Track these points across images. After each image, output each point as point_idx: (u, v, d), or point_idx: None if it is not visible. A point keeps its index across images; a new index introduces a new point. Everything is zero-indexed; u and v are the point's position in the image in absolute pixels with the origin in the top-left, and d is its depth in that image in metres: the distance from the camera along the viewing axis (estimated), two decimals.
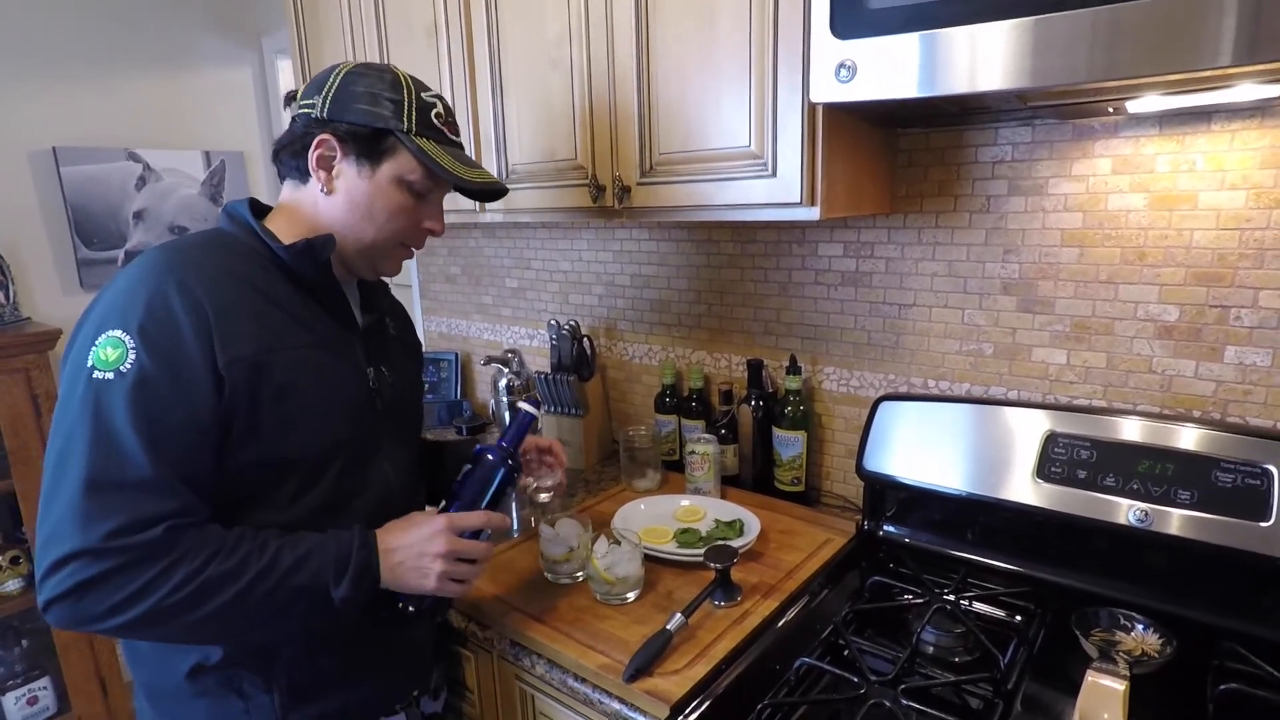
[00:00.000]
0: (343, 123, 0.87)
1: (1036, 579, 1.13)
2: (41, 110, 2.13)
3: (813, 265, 1.42)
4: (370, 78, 0.89)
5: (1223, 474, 0.98)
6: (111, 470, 0.73)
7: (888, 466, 1.25)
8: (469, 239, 2.08)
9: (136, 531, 0.73)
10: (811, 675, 0.96)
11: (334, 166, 0.89)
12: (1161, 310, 1.09)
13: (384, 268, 0.97)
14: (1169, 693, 0.89)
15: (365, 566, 0.83)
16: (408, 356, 1.10)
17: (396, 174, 0.89)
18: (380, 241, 0.92)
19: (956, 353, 1.29)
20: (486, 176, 0.95)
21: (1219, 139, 1.01)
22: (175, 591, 0.74)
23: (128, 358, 0.74)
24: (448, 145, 0.93)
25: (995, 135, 1.18)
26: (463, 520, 0.90)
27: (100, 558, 0.72)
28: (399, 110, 0.88)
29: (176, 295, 0.77)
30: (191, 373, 0.76)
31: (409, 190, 0.91)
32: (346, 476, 0.89)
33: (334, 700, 0.92)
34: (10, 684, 2.04)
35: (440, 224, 0.96)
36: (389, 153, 0.89)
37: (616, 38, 1.17)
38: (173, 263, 0.80)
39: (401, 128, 0.88)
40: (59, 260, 2.20)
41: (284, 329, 0.84)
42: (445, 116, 0.93)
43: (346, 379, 0.91)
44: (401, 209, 0.91)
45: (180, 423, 0.76)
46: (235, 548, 0.77)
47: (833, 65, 0.89)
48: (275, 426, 0.81)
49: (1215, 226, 1.03)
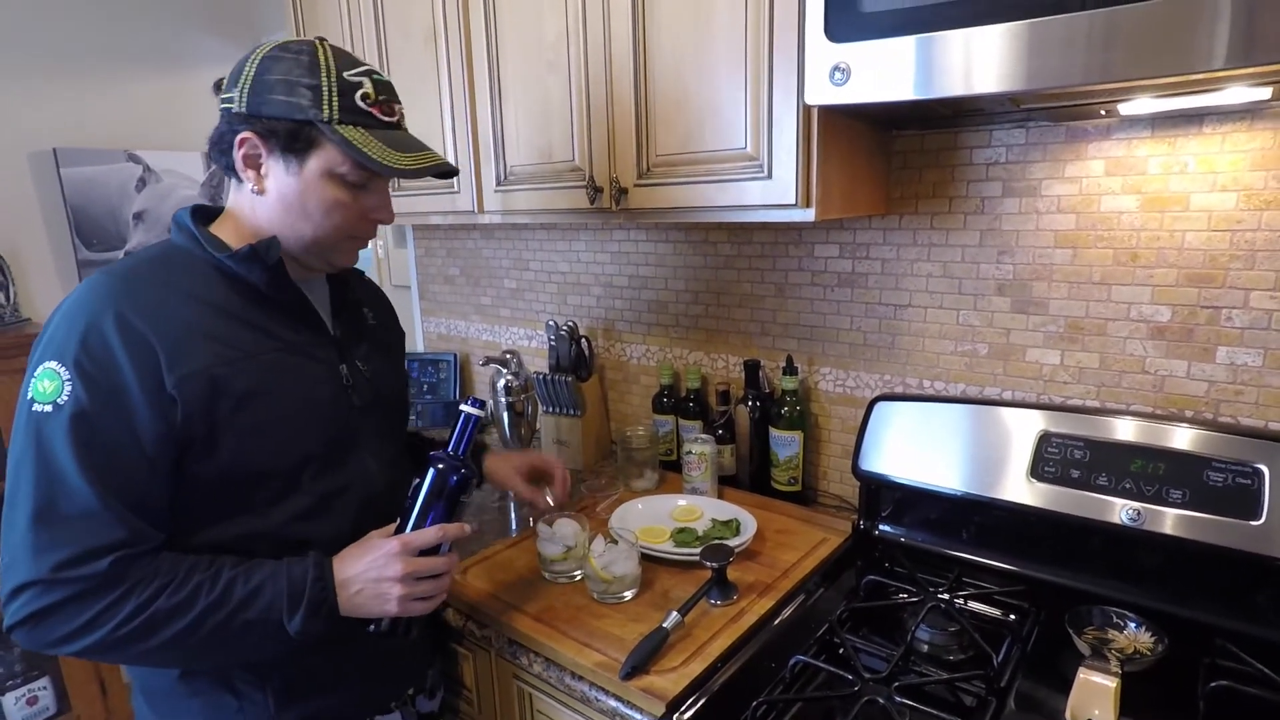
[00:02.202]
0: (260, 117, 0.81)
1: (1030, 578, 1.13)
2: (42, 111, 2.13)
3: (809, 266, 1.43)
4: (286, 61, 0.81)
5: (1214, 473, 0.98)
6: (56, 502, 0.73)
7: (883, 466, 1.26)
8: (467, 240, 2.09)
9: (84, 563, 0.73)
10: (807, 673, 0.96)
11: (261, 165, 0.84)
12: (1154, 311, 1.10)
13: (337, 261, 0.92)
14: (1160, 690, 0.90)
15: (320, 600, 0.81)
16: (389, 345, 1.08)
17: (324, 168, 0.83)
18: (323, 238, 0.87)
19: (951, 353, 1.30)
20: (426, 159, 0.86)
21: (1210, 141, 1.02)
22: (125, 624, 0.74)
23: (64, 390, 0.74)
24: (379, 129, 0.84)
25: (989, 137, 1.19)
26: (417, 538, 0.86)
27: (50, 588, 0.73)
28: (318, 97, 0.81)
29: (113, 326, 0.75)
30: (130, 402, 0.75)
31: (342, 183, 0.84)
32: (325, 478, 0.88)
33: (328, 699, 0.93)
34: (10, 684, 2.04)
35: (388, 212, 0.91)
36: (314, 146, 0.82)
37: (613, 40, 1.18)
38: (112, 290, 0.78)
39: (322, 117, 0.81)
40: (59, 261, 2.20)
41: (240, 339, 0.83)
42: (375, 96, 0.84)
43: (317, 380, 0.90)
44: (338, 203, 0.85)
45: (122, 452, 0.75)
46: (186, 579, 0.77)
47: (827, 68, 0.90)
48: (240, 438, 0.81)
49: (1207, 228, 1.04)
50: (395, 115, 0.87)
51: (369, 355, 0.99)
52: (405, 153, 0.85)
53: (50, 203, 2.17)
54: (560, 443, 1.73)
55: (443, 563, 0.88)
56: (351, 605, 0.84)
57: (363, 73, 0.84)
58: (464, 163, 1.47)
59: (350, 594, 0.84)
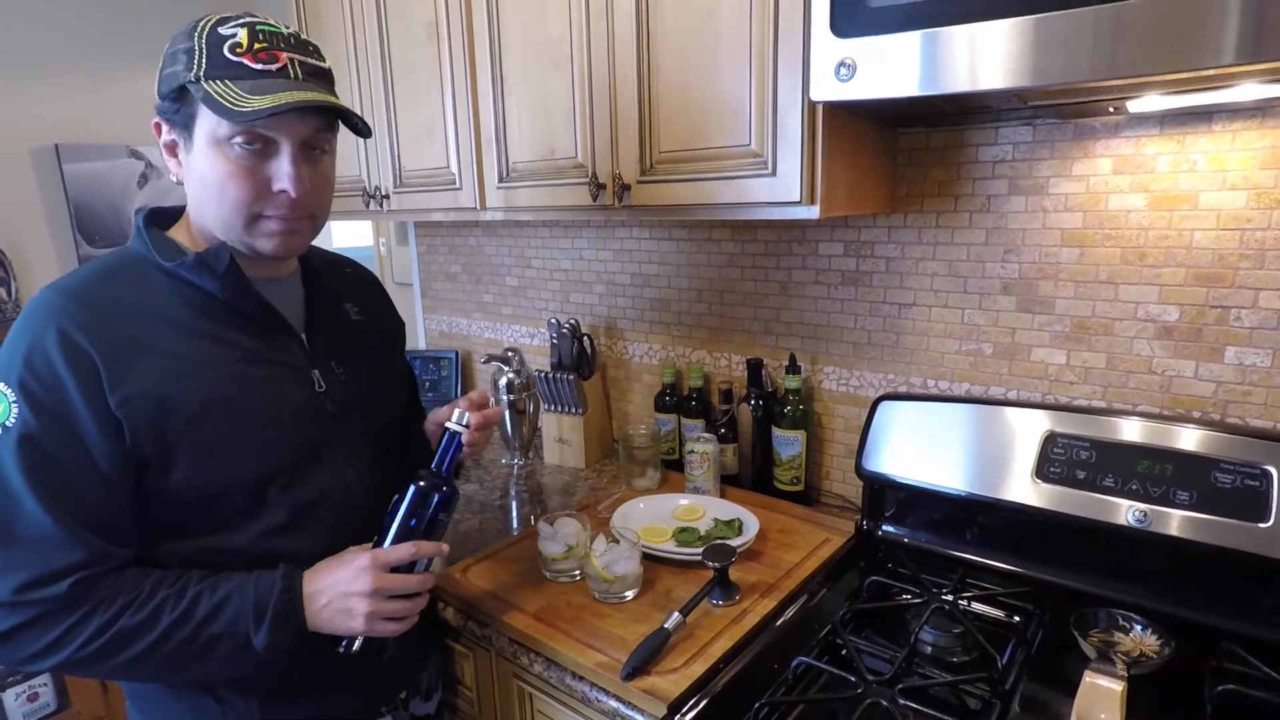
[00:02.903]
0: (161, 100, 0.78)
1: (1035, 579, 1.13)
2: (44, 107, 2.13)
3: (813, 264, 1.42)
4: (177, 37, 0.77)
5: (1222, 475, 0.97)
6: (12, 526, 0.72)
7: (887, 466, 1.25)
8: (469, 237, 2.09)
9: (43, 586, 0.72)
10: (809, 674, 0.96)
11: (177, 151, 0.81)
12: (1161, 310, 1.09)
13: (262, 248, 0.82)
14: (1167, 694, 0.89)
15: (286, 613, 0.79)
16: (377, 341, 1.03)
17: (207, 134, 0.76)
18: (229, 218, 0.79)
19: (956, 352, 1.29)
20: (300, 96, 0.75)
21: (1220, 139, 1.01)
22: (89, 643, 0.74)
23: (10, 412, 0.72)
24: (249, 79, 0.75)
25: (996, 135, 1.18)
26: (390, 554, 0.83)
27: (13, 611, 0.72)
28: (191, 58, 0.75)
29: (56, 345, 0.73)
30: (78, 421, 0.73)
31: (228, 149, 0.76)
32: (295, 490, 0.85)
33: (314, 705, 0.91)
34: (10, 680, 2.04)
35: (294, 184, 0.78)
36: (193, 113, 0.76)
37: (617, 36, 1.17)
38: (55, 307, 0.75)
39: (190, 78, 0.74)
40: (61, 257, 2.20)
41: (193, 352, 0.79)
42: (248, 45, 0.75)
43: (281, 388, 0.85)
44: (230, 175, 0.77)
45: (75, 472, 0.73)
46: (150, 596, 0.76)
47: (833, 64, 0.89)
48: (195, 456, 0.78)
49: (1216, 227, 1.03)
50: (280, 62, 0.77)
51: (347, 357, 0.94)
52: (272, 95, 0.74)
53: (52, 199, 2.17)
54: (562, 441, 1.72)
55: (416, 581, 0.85)
56: (318, 620, 0.81)
57: (241, 24, 0.76)
58: (466, 159, 1.47)
59: (318, 608, 0.81)
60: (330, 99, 0.78)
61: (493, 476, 1.68)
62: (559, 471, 1.70)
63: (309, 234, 0.87)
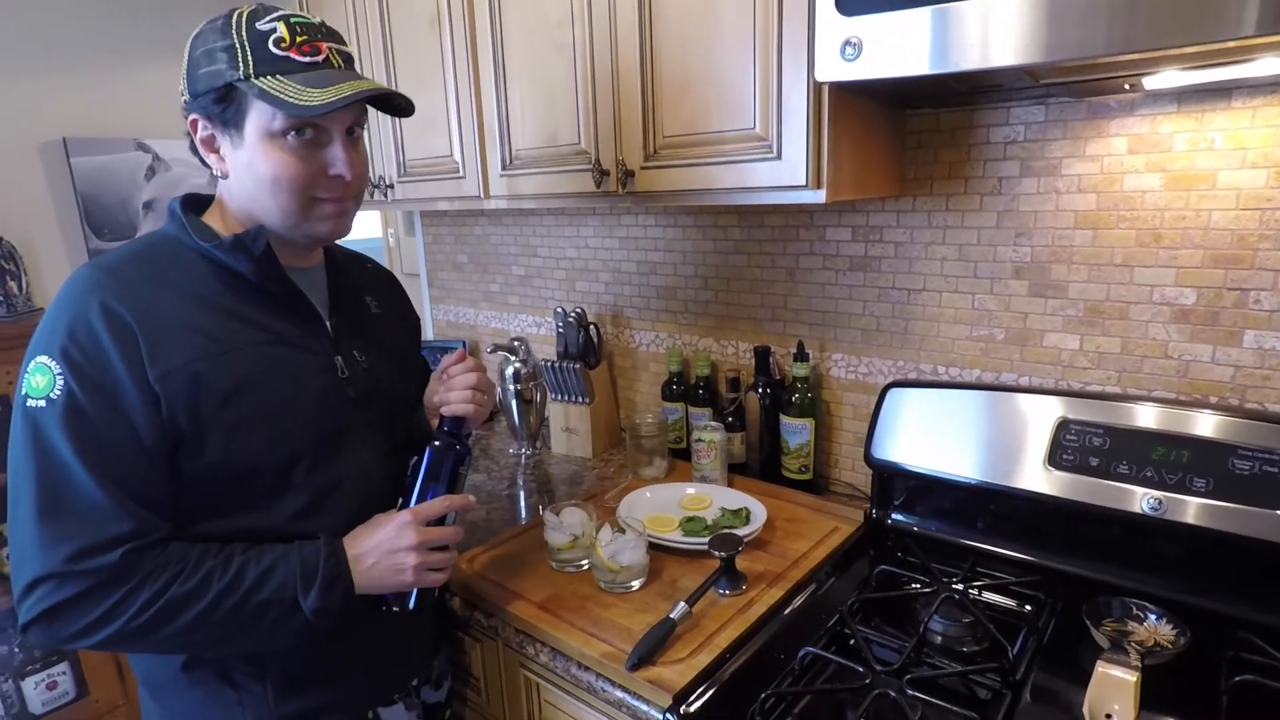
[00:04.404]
0: (197, 97, 0.80)
1: (1047, 568, 1.11)
2: (51, 101, 2.13)
3: (820, 250, 1.40)
4: (206, 34, 0.79)
5: (1240, 461, 0.95)
6: (61, 496, 0.73)
7: (896, 454, 1.23)
8: (475, 227, 2.08)
9: (95, 555, 0.73)
10: (816, 665, 0.95)
11: (219, 147, 0.83)
12: (1178, 293, 1.06)
13: (317, 231, 0.86)
14: (1182, 684, 0.87)
15: (335, 576, 0.82)
16: (395, 333, 1.05)
17: (260, 129, 0.79)
18: (289, 207, 0.82)
19: (966, 338, 1.26)
20: (357, 86, 0.79)
21: (1240, 116, 0.98)
22: (140, 613, 0.74)
23: (56, 384, 0.73)
24: (298, 72, 0.78)
25: (1007, 115, 1.15)
26: (426, 509, 0.88)
27: (65, 582, 0.72)
28: (233, 56, 0.77)
29: (99, 316, 0.74)
30: (122, 392, 0.74)
31: (283, 141, 0.80)
32: (318, 474, 0.86)
33: (328, 692, 0.92)
34: (30, 669, 2.07)
35: (345, 166, 0.83)
36: (244, 109, 0.79)
37: (619, 20, 1.15)
38: (97, 281, 0.77)
39: (239, 75, 0.77)
40: (70, 250, 2.21)
41: (226, 332, 0.81)
42: (290, 38, 0.78)
43: (308, 373, 0.87)
44: (286, 165, 0.80)
45: (120, 444, 0.74)
46: (198, 565, 0.77)
47: (838, 43, 0.87)
48: (227, 436, 0.79)
49: (1235, 207, 1.00)
50: (322, 53, 0.80)
51: (368, 346, 0.96)
52: (325, 88, 0.78)
53: (61, 192, 2.18)
54: (568, 430, 1.71)
55: (451, 532, 0.90)
56: (368, 580, 0.84)
57: (277, 17, 0.79)
58: (469, 147, 1.46)
59: (366, 568, 0.84)
60: (381, 86, 0.83)
61: (500, 466, 1.68)
62: (566, 461, 1.69)
63: (353, 213, 0.90)
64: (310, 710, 0.90)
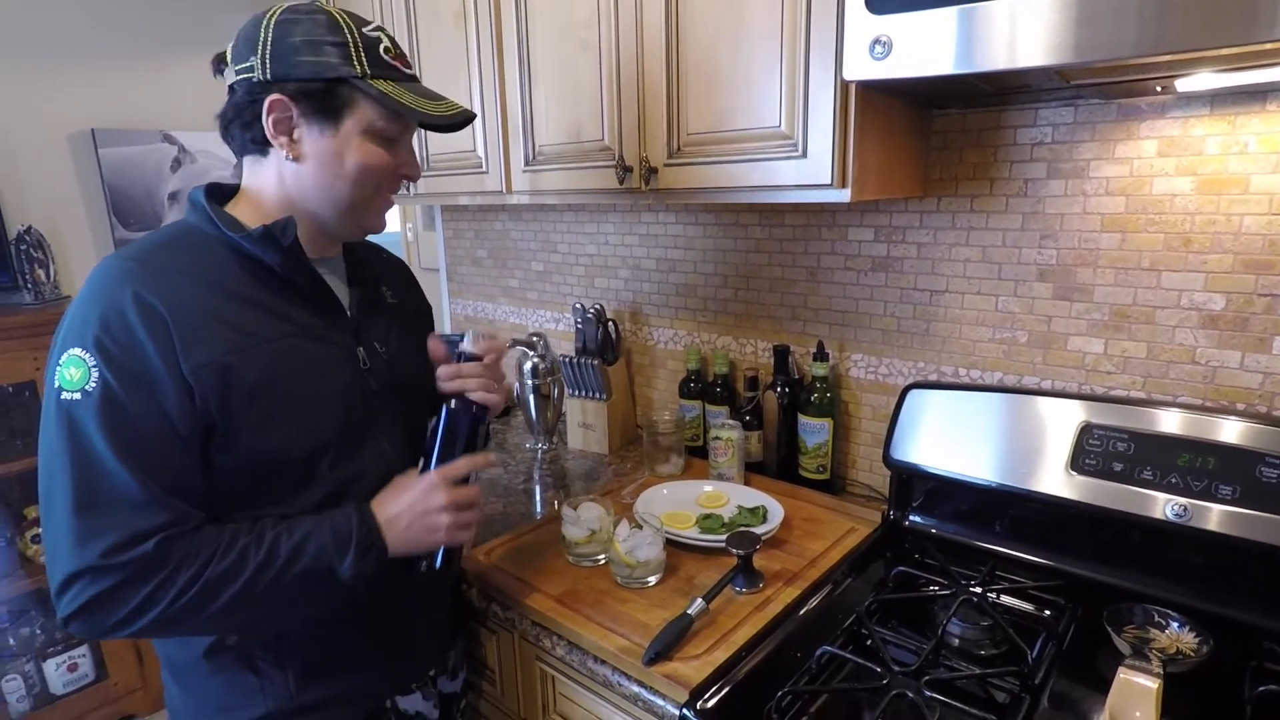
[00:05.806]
0: (290, 80, 0.80)
1: (1067, 573, 1.10)
2: (80, 93, 2.17)
3: (842, 250, 1.40)
4: (305, 23, 0.81)
5: (1268, 469, 0.94)
6: (96, 489, 0.73)
7: (916, 456, 1.23)
8: (495, 222, 2.09)
9: (131, 547, 0.73)
10: (833, 664, 0.94)
11: (294, 130, 0.82)
12: (1207, 299, 1.05)
13: (370, 224, 0.92)
14: (1204, 693, 0.87)
15: (369, 541, 0.83)
16: (411, 323, 1.05)
17: (363, 125, 0.83)
18: (359, 199, 0.87)
19: (989, 340, 1.26)
20: (454, 106, 0.88)
21: (1274, 119, 0.96)
22: (180, 597, 0.74)
23: (91, 376, 0.73)
24: (404, 81, 0.85)
25: (1035, 116, 1.14)
26: (451, 470, 0.89)
27: (101, 575, 0.73)
28: (346, 54, 0.81)
29: (132, 307, 0.74)
30: (158, 383, 0.74)
31: (379, 139, 0.85)
32: (342, 466, 0.87)
33: (348, 679, 0.93)
34: (51, 651, 2.11)
35: (415, 167, 0.91)
36: (348, 104, 0.82)
37: (646, 17, 1.15)
38: (127, 272, 0.77)
39: (355, 74, 0.81)
40: (97, 240, 2.24)
41: (253, 324, 0.81)
42: (394, 49, 0.85)
43: (333, 365, 0.88)
44: (374, 161, 0.85)
45: (155, 435, 0.74)
46: (232, 544, 0.77)
47: (867, 41, 0.86)
48: (255, 428, 0.79)
49: (1267, 211, 0.99)
50: (411, 69, 0.88)
51: (387, 336, 0.97)
52: (434, 101, 0.86)
53: (89, 182, 2.21)
54: (586, 426, 1.72)
55: (474, 492, 0.92)
56: (401, 541, 0.85)
57: (377, 29, 0.85)
58: (493, 142, 1.46)
59: (399, 530, 0.85)
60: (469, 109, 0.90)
61: (516, 461, 1.68)
62: (582, 456, 1.70)
63: None
64: (330, 698, 0.91)
